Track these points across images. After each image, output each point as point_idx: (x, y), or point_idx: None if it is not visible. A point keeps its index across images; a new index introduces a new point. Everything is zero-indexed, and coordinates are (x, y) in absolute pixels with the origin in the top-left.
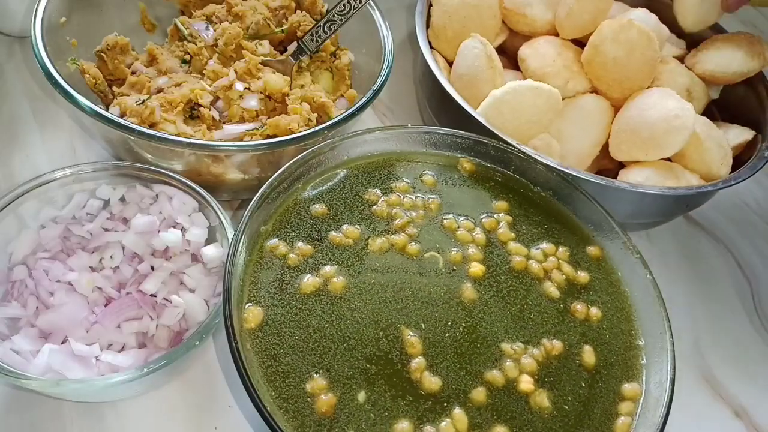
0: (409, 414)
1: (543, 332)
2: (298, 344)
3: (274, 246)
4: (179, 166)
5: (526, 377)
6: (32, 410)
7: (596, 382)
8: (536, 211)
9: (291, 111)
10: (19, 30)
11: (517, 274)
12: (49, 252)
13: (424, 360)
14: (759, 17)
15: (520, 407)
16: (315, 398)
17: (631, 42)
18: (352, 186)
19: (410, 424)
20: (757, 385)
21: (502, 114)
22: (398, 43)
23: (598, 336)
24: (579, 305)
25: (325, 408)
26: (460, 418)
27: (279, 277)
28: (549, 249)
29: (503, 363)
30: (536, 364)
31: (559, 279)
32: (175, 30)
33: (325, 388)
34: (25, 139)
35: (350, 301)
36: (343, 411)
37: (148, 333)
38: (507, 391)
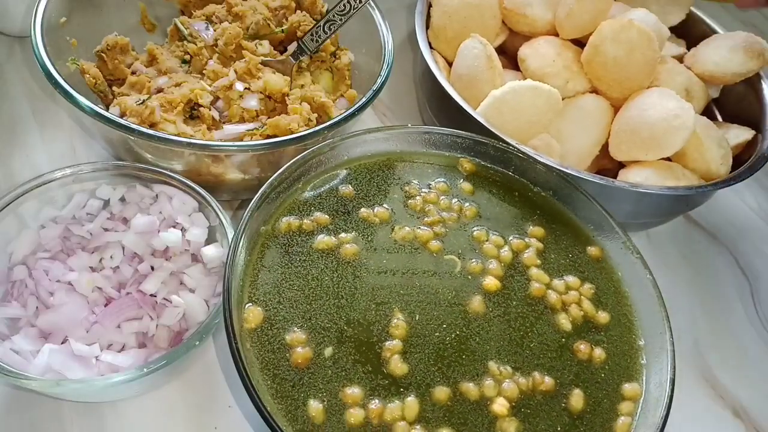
0: (364, 383)
1: (537, 364)
2: (295, 294)
3: (289, 223)
4: (179, 166)
5: (502, 400)
6: (32, 410)
7: (575, 428)
8: (572, 242)
9: (291, 111)
10: (19, 30)
11: (531, 301)
12: (49, 252)
13: (401, 344)
14: (759, 17)
15: (480, 423)
16: (292, 350)
17: (632, 42)
18: (392, 176)
19: (361, 392)
20: (757, 385)
21: (502, 114)
22: (398, 43)
23: (592, 378)
24: (583, 345)
25: (300, 360)
26: (412, 406)
27: (288, 242)
28: (573, 282)
29: (483, 380)
30: (518, 393)
31: (576, 314)
32: (175, 30)
33: (303, 342)
34: (25, 139)
35: (356, 269)
36: (313, 363)
37: (148, 333)
38: (476, 405)
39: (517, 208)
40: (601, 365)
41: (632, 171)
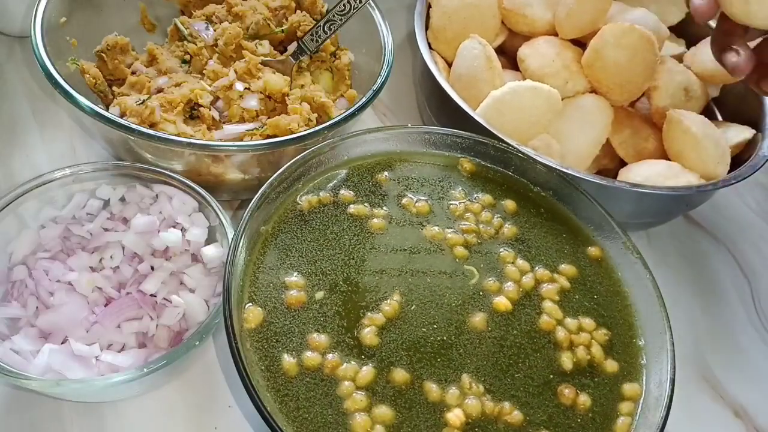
0: (333, 335)
1: (513, 395)
2: (308, 245)
3: (320, 198)
4: (179, 166)
5: (459, 412)
6: (32, 410)
7: None
8: (597, 288)
9: (291, 111)
10: (19, 30)
11: (536, 334)
12: (49, 252)
13: (383, 320)
14: None
15: (425, 420)
16: (288, 292)
17: (633, 46)
18: (442, 178)
19: (327, 341)
20: (757, 385)
21: (501, 114)
22: (398, 44)
23: (566, 424)
24: (568, 389)
25: (293, 301)
26: (366, 374)
27: (316, 210)
28: (588, 324)
29: (449, 387)
30: (480, 413)
31: (581, 356)
32: (175, 30)
33: (301, 287)
34: (25, 139)
35: (376, 243)
36: (304, 306)
37: (148, 333)
38: (431, 405)
39: (557, 241)
40: (583, 413)
41: (632, 171)
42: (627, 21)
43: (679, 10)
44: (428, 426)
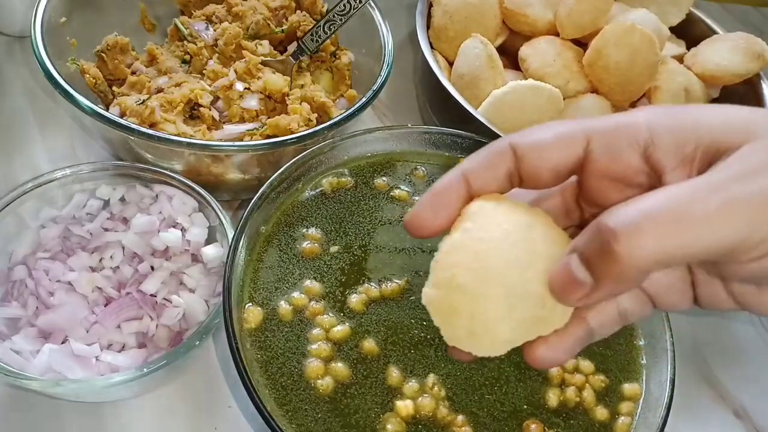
0: (327, 286)
1: (472, 412)
2: (336, 211)
3: (334, 180)
4: (179, 166)
5: (410, 403)
6: (32, 410)
7: None
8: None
9: (291, 111)
10: (19, 30)
11: (526, 366)
12: (49, 252)
13: (378, 295)
14: (759, 17)
15: (372, 394)
16: (304, 243)
17: (634, 46)
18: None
19: (318, 290)
20: (757, 385)
21: (503, 114)
22: (398, 43)
23: None
24: (534, 425)
25: (307, 251)
26: (339, 330)
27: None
28: (586, 367)
29: (411, 379)
30: (429, 413)
31: (570, 396)
32: (175, 30)
33: (317, 239)
34: (25, 139)
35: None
36: (317, 257)
37: (148, 333)
38: (385, 386)
39: None
40: None
41: None
42: (628, 21)
43: (680, 11)
44: (374, 401)
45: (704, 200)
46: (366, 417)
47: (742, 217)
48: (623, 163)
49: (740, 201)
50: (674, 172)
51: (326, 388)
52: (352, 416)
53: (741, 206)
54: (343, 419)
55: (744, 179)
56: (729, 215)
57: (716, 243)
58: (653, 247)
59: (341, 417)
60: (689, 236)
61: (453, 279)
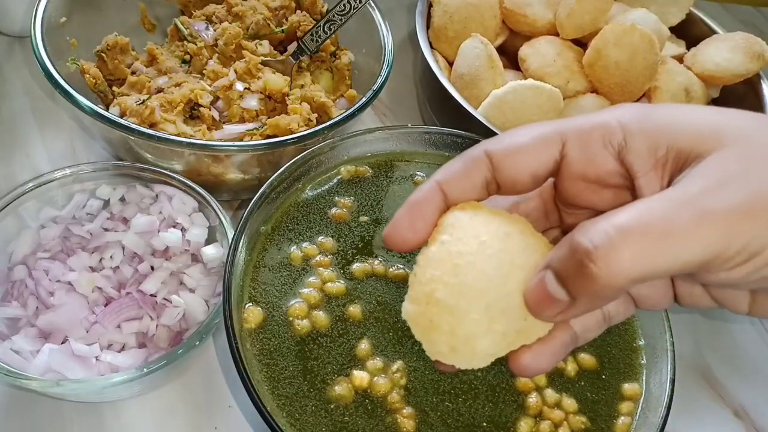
0: (340, 245)
1: (424, 410)
2: (370, 189)
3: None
4: (179, 166)
5: (365, 378)
6: (32, 410)
7: None
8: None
9: (291, 111)
10: (19, 30)
11: (504, 390)
12: (49, 252)
13: (383, 273)
14: (759, 17)
15: (337, 354)
16: (335, 209)
17: (634, 46)
18: None
19: (332, 247)
20: (757, 385)
21: (503, 114)
22: (398, 43)
23: None
24: None
25: (337, 215)
26: (334, 286)
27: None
28: (569, 405)
29: (378, 357)
30: (381, 394)
31: (543, 429)
32: (175, 30)
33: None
34: (25, 139)
35: None
36: (346, 222)
37: (148, 333)
38: (351, 353)
39: None
40: None
41: None
42: (628, 21)
43: (680, 10)
44: (336, 360)
45: (678, 216)
46: (323, 369)
47: (716, 231)
48: (598, 166)
49: (714, 215)
50: (646, 177)
51: (302, 329)
52: (311, 362)
53: (715, 220)
54: (302, 362)
55: (716, 192)
56: (704, 230)
57: (692, 258)
58: (629, 265)
59: (302, 359)
60: (665, 253)
61: (431, 294)
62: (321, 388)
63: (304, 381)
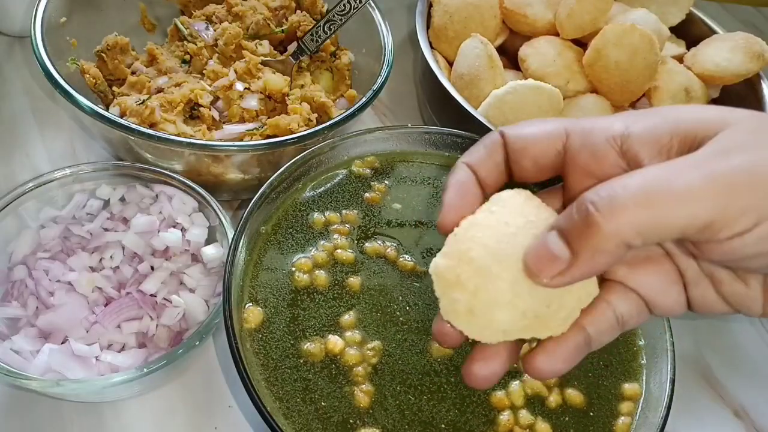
0: (363, 224)
1: (384, 393)
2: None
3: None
4: (179, 166)
5: (340, 344)
6: (32, 410)
7: None
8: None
9: (291, 111)
10: (19, 30)
11: (480, 401)
12: (49, 252)
13: (393, 256)
14: (759, 17)
15: (322, 314)
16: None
17: (634, 46)
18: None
19: (355, 218)
20: (757, 385)
21: (503, 114)
22: (398, 43)
23: None
24: None
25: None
26: (342, 253)
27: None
28: (542, 428)
29: (358, 332)
30: (348, 365)
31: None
32: (175, 30)
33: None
34: (25, 139)
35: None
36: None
37: (148, 333)
38: (335, 322)
39: None
40: None
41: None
42: (628, 21)
43: (680, 10)
44: (319, 319)
45: (683, 175)
46: (306, 322)
47: (719, 191)
48: (601, 158)
49: (718, 175)
50: (652, 162)
51: (300, 281)
52: (299, 311)
53: (718, 180)
54: (291, 310)
55: (722, 156)
56: (707, 189)
57: (694, 215)
58: (632, 216)
59: (291, 307)
60: (668, 208)
61: (467, 252)
62: (298, 339)
63: (287, 328)
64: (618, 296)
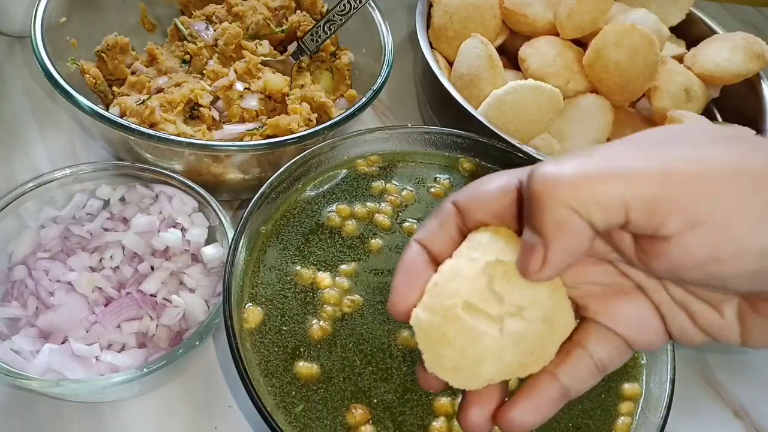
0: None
1: (344, 364)
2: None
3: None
4: (179, 166)
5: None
6: (32, 410)
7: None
8: None
9: (291, 111)
10: (19, 30)
11: (420, 397)
12: (49, 252)
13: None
14: (759, 17)
15: (299, 300)
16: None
17: (634, 46)
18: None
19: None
20: (757, 385)
21: (503, 114)
22: (398, 43)
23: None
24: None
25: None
26: (350, 226)
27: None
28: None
29: (346, 280)
30: (329, 300)
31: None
32: (175, 30)
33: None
34: (25, 139)
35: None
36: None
37: (148, 333)
38: (318, 296)
39: None
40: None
41: None
42: (628, 21)
43: (680, 10)
44: (324, 254)
45: (628, 156)
46: (313, 254)
47: (660, 174)
48: None
49: (661, 161)
50: None
51: (330, 220)
52: (314, 239)
53: (660, 164)
54: (308, 236)
55: (671, 145)
56: (648, 168)
57: (636, 191)
58: (572, 186)
59: (307, 237)
60: (609, 181)
61: (452, 309)
62: (295, 262)
63: (297, 247)
64: (595, 339)
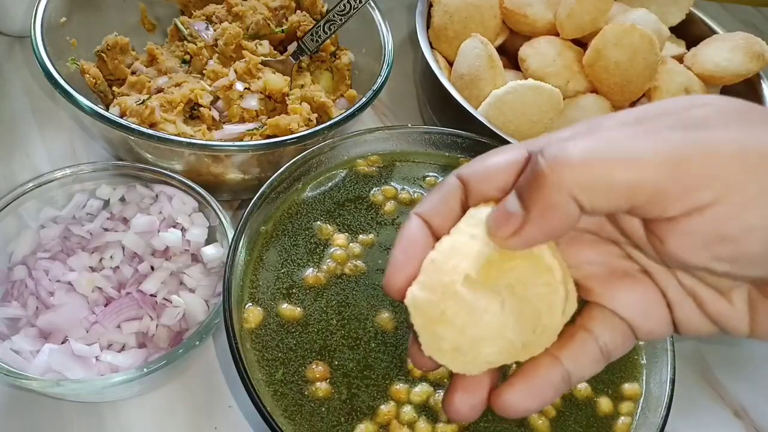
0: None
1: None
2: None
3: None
4: (179, 166)
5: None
6: (32, 410)
7: None
8: None
9: (291, 111)
10: (19, 30)
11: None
12: (49, 252)
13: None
14: (759, 17)
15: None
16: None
17: (634, 46)
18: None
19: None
20: (757, 385)
21: (503, 114)
22: (398, 43)
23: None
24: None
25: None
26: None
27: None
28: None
29: (358, 247)
30: (338, 271)
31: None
32: (175, 30)
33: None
34: (25, 139)
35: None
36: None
37: (148, 333)
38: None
39: None
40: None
41: None
42: (628, 21)
43: (680, 10)
44: (351, 223)
45: (636, 140)
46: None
47: (670, 158)
48: None
49: (670, 144)
50: None
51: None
52: (338, 211)
53: (670, 150)
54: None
55: (678, 129)
56: (657, 154)
57: (641, 180)
58: (579, 171)
59: (330, 213)
60: (614, 168)
61: (451, 285)
62: (320, 219)
63: (328, 209)
64: (600, 323)
